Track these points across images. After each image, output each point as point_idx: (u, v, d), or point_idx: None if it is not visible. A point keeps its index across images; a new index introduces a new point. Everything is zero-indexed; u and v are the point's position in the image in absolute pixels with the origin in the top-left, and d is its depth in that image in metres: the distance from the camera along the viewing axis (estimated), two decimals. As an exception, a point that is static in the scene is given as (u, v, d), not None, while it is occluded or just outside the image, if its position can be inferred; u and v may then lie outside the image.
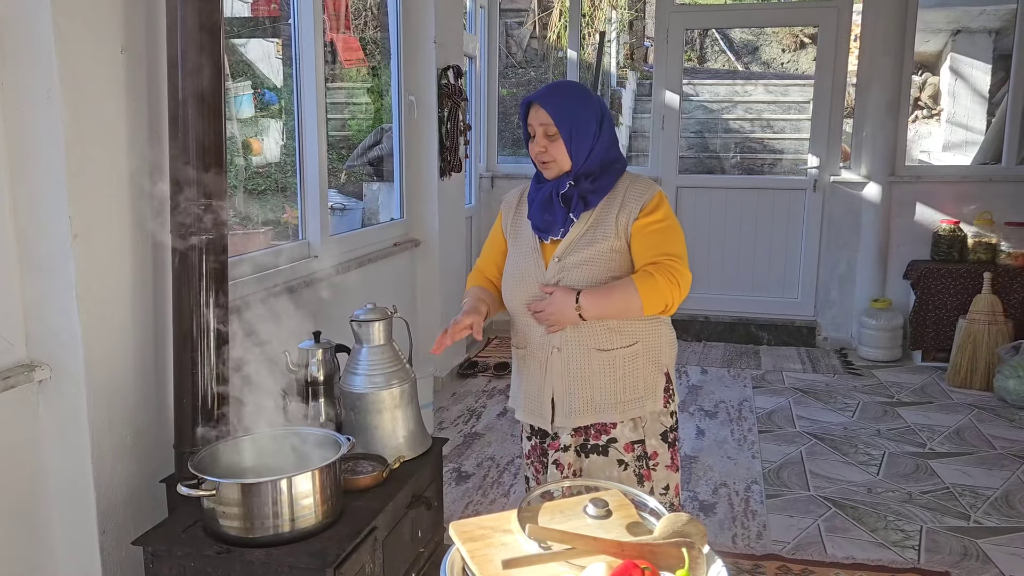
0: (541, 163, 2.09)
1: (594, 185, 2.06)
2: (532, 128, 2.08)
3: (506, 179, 6.17)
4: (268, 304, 2.69)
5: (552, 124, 2.03)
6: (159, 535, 1.87)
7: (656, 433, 2.15)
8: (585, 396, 2.09)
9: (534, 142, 2.08)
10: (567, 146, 2.04)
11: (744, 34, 11.70)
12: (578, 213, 2.07)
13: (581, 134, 2.04)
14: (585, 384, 2.09)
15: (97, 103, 2.00)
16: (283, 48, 4.91)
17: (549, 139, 2.05)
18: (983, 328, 4.90)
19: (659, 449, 2.15)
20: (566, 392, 2.10)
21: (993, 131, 7.37)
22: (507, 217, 2.26)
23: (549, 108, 2.04)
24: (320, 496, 1.84)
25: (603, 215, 2.07)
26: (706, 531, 1.44)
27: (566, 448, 2.15)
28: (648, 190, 2.07)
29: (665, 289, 1.97)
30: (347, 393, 2.26)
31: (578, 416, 2.10)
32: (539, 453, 2.24)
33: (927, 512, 3.28)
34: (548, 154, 2.05)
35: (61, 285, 1.95)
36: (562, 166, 2.06)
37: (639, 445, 2.13)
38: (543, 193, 2.09)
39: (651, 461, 2.15)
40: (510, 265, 2.19)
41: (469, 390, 4.81)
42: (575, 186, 2.06)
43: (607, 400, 2.10)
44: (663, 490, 2.18)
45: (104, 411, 2.05)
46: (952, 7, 7.82)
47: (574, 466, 2.16)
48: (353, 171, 5.53)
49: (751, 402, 4.65)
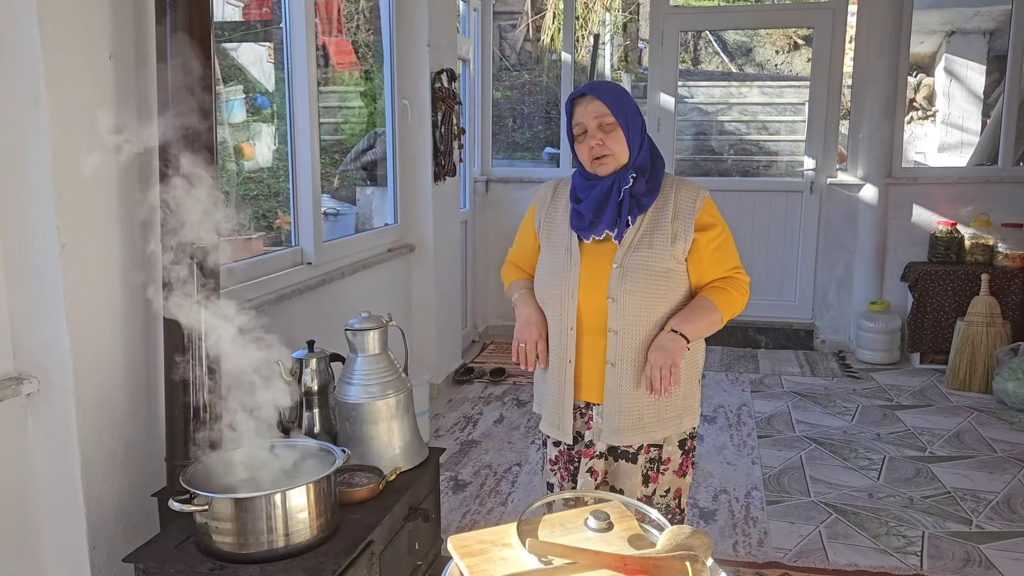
0: (597, 158, 2.02)
1: (647, 186, 2.03)
2: (583, 124, 2.03)
3: (501, 183, 6.13)
4: (261, 312, 2.65)
5: (609, 114, 2.00)
6: (151, 551, 1.83)
7: (675, 441, 2.14)
8: (635, 414, 2.06)
9: (586, 138, 2.02)
10: (625, 135, 2.00)
11: (738, 36, 11.70)
12: (634, 217, 2.03)
13: (634, 125, 2.03)
14: (635, 402, 2.06)
15: (85, 110, 1.96)
16: (275, 52, 4.87)
17: (605, 131, 2.00)
18: (981, 330, 4.88)
19: (673, 455, 2.15)
20: (615, 409, 2.06)
21: (988, 132, 7.37)
22: (540, 212, 2.20)
23: (604, 98, 2.01)
24: (315, 510, 1.80)
25: (657, 219, 2.04)
26: (710, 543, 1.41)
27: (600, 455, 2.13)
28: (698, 195, 2.07)
29: (738, 301, 2.06)
30: (342, 403, 2.22)
31: (626, 434, 2.07)
32: (567, 460, 2.19)
33: (929, 517, 3.25)
34: (605, 147, 2.01)
35: (49, 296, 1.91)
36: (619, 159, 2.02)
37: (656, 449, 2.12)
38: (600, 189, 2.02)
39: (662, 465, 2.14)
40: (544, 264, 2.14)
41: (465, 396, 4.78)
42: (637, 177, 2.01)
43: (652, 418, 2.08)
44: (664, 492, 2.16)
45: (94, 424, 2.01)
46: (946, 8, 7.83)
47: (603, 471, 2.14)
48: (346, 176, 5.49)
49: (750, 406, 4.62)
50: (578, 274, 2.04)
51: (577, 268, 2.05)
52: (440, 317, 4.70)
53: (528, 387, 4.92)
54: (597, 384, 2.08)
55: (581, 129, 2.04)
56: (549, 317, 2.10)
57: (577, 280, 2.04)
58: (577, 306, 2.04)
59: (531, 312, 2.12)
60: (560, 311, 2.07)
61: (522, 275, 2.26)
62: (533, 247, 2.22)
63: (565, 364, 2.08)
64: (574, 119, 2.05)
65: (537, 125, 9.82)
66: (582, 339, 2.06)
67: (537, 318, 2.11)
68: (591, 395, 2.10)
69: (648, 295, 2.01)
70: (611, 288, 2.01)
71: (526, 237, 2.26)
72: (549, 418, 2.17)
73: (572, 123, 2.06)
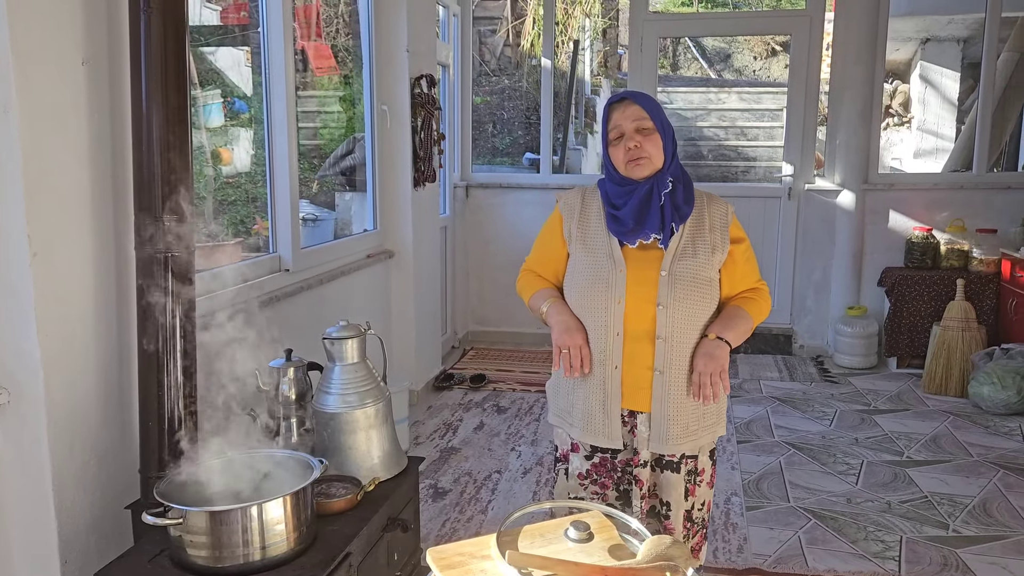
0: (633, 160, 2.03)
1: (684, 195, 2.07)
2: (621, 127, 2.04)
3: (481, 188, 6.12)
4: (237, 321, 2.62)
5: (647, 118, 2.03)
6: (124, 566, 1.80)
7: (707, 450, 2.16)
8: (683, 422, 2.06)
9: (623, 141, 2.04)
10: (663, 140, 2.04)
11: (716, 42, 11.77)
12: (677, 225, 2.06)
13: (668, 132, 2.07)
14: (682, 410, 2.05)
15: (57, 117, 1.93)
16: (253, 56, 4.83)
17: (643, 135, 2.03)
18: (957, 335, 4.93)
19: (705, 466, 2.17)
20: (663, 416, 2.05)
21: (963, 139, 7.46)
22: (570, 220, 2.16)
23: (642, 103, 2.05)
24: (292, 522, 1.78)
25: (696, 230, 2.09)
26: (691, 554, 1.41)
27: (645, 464, 2.12)
28: (727, 209, 2.15)
29: (765, 310, 2.16)
30: (320, 413, 2.20)
31: (674, 443, 2.06)
32: (608, 469, 2.15)
33: (906, 522, 3.27)
34: (643, 150, 2.02)
35: (20, 306, 1.87)
36: (655, 163, 2.04)
37: (692, 460, 2.14)
38: (639, 193, 2.03)
39: (698, 477, 2.14)
40: (583, 271, 2.10)
41: (445, 403, 4.76)
42: (675, 185, 2.05)
43: (695, 426, 2.09)
44: (700, 506, 2.17)
45: (66, 436, 1.98)
46: (921, 16, 7.93)
47: (650, 481, 2.14)
48: (325, 181, 5.45)
49: (729, 411, 4.63)
50: (624, 280, 2.03)
51: (623, 274, 2.03)
52: (419, 323, 4.67)
53: (509, 393, 4.91)
54: (642, 392, 2.06)
55: (618, 132, 2.05)
56: (592, 324, 2.06)
57: (624, 286, 2.03)
58: (624, 312, 2.03)
59: (568, 319, 2.09)
60: (605, 317, 2.04)
61: (545, 284, 2.21)
62: (560, 256, 2.18)
63: (611, 370, 2.06)
64: (611, 123, 2.07)
65: (517, 130, 9.82)
66: (627, 346, 2.04)
67: (576, 324, 2.08)
68: (635, 403, 2.08)
69: (695, 303, 2.03)
70: (660, 295, 2.01)
71: (551, 247, 2.20)
72: (590, 427, 2.10)
73: (609, 127, 2.07)
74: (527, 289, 2.23)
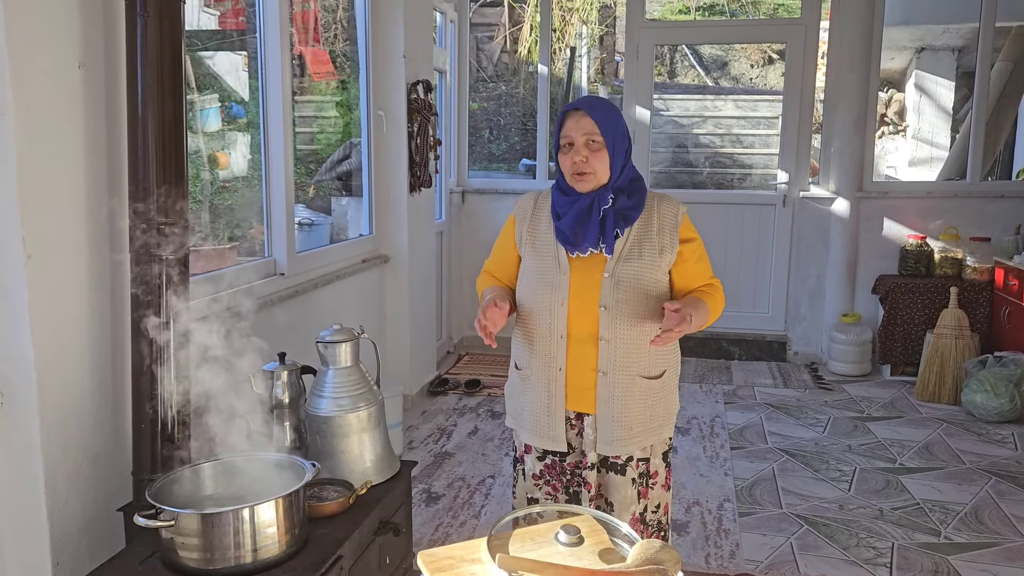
0: (578, 174, 2.04)
1: (632, 201, 2.06)
2: (571, 137, 2.04)
3: (477, 194, 6.14)
4: (232, 324, 2.62)
5: (598, 133, 2.02)
6: (115, 567, 1.80)
7: (659, 452, 2.16)
8: (627, 424, 2.08)
9: (571, 151, 2.04)
10: (610, 157, 2.03)
11: (713, 49, 11.81)
12: (622, 230, 2.06)
13: (620, 147, 2.06)
14: (627, 412, 2.07)
15: (53, 120, 1.93)
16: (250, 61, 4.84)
17: (591, 149, 2.02)
18: (950, 342, 4.95)
19: (659, 468, 2.17)
20: (608, 418, 2.08)
21: (957, 147, 7.49)
22: (521, 225, 2.19)
23: (596, 117, 2.02)
24: (284, 525, 1.78)
25: (644, 232, 2.08)
26: (680, 558, 1.41)
27: (593, 466, 2.14)
28: (679, 209, 2.13)
29: (720, 306, 2.12)
30: (312, 416, 2.20)
31: (619, 444, 2.08)
32: (558, 472, 2.18)
33: (898, 529, 3.28)
34: (589, 165, 2.02)
35: (13, 308, 1.88)
36: (600, 179, 2.04)
37: (644, 463, 2.15)
38: (579, 206, 2.04)
39: (651, 480, 2.15)
40: (531, 274, 2.13)
41: (439, 408, 4.76)
42: (615, 201, 2.04)
43: (640, 428, 2.10)
44: (655, 508, 2.17)
45: (58, 438, 1.98)
46: (916, 25, 7.96)
47: (596, 483, 2.16)
48: (321, 186, 5.47)
49: (723, 418, 4.64)
50: (568, 283, 2.05)
51: (567, 277, 2.06)
52: (414, 328, 4.68)
53: (503, 399, 4.90)
54: (587, 393, 2.08)
55: (568, 141, 2.05)
56: (537, 326, 2.10)
57: (567, 289, 2.05)
58: (567, 314, 2.05)
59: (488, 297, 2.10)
60: (549, 320, 2.07)
61: (497, 284, 2.26)
62: (512, 259, 2.22)
63: (555, 372, 2.08)
64: (563, 130, 2.06)
65: (513, 137, 9.84)
66: (571, 348, 2.06)
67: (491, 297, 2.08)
68: (581, 404, 2.11)
69: (639, 304, 2.03)
70: (603, 297, 2.03)
71: (505, 249, 2.25)
72: (536, 429, 2.15)
73: (561, 134, 2.07)
74: (480, 288, 2.30)
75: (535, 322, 2.10)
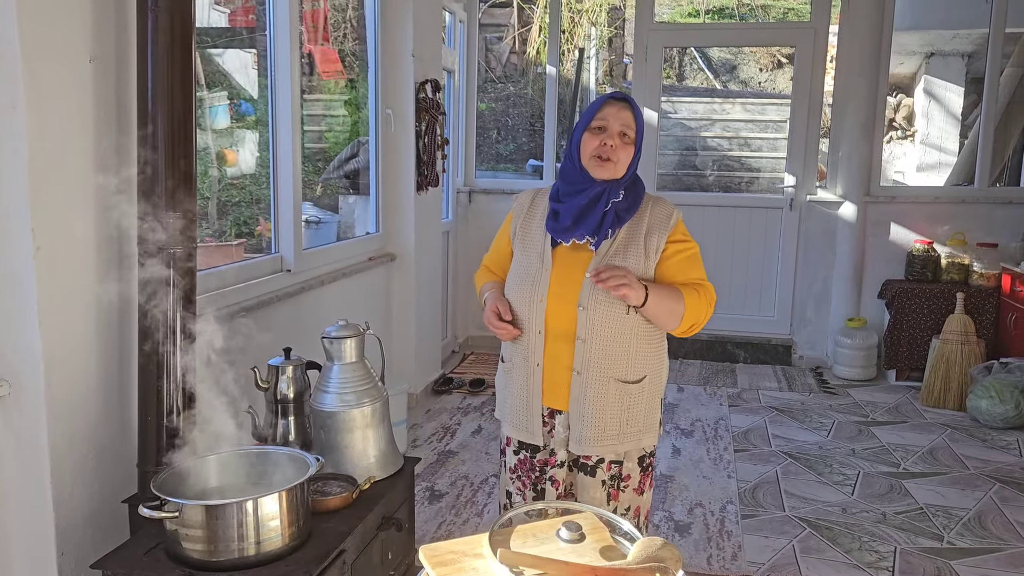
0: (601, 158, 2.03)
1: (628, 203, 2.07)
2: (607, 122, 2.03)
3: (484, 194, 6.14)
4: (238, 319, 2.64)
5: (634, 129, 2.05)
6: (119, 558, 1.82)
7: (634, 457, 2.14)
8: (599, 425, 2.07)
9: (602, 134, 2.03)
10: (634, 154, 2.06)
11: (722, 52, 11.79)
12: (615, 229, 2.06)
13: (639, 148, 2.09)
14: (599, 412, 2.07)
15: (64, 113, 1.95)
16: (260, 59, 4.86)
17: (623, 141, 2.04)
18: (956, 348, 4.94)
19: (632, 472, 2.15)
20: (578, 417, 2.08)
21: (965, 153, 7.47)
22: (516, 220, 2.21)
23: (636, 113, 2.06)
24: (287, 518, 1.80)
25: (632, 233, 2.08)
26: (681, 556, 1.42)
27: (561, 464, 2.15)
28: (672, 213, 2.12)
29: (703, 307, 2.06)
30: (317, 411, 2.21)
31: (589, 444, 2.08)
32: (528, 468, 2.20)
33: (901, 533, 3.27)
34: (616, 153, 2.03)
35: (22, 299, 1.89)
36: (617, 171, 2.05)
37: (617, 466, 2.14)
38: (588, 194, 2.04)
39: (623, 483, 2.14)
40: (516, 268, 2.15)
41: (444, 407, 4.77)
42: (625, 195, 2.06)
43: (614, 431, 2.09)
44: (624, 511, 2.16)
45: (65, 429, 1.99)
46: (926, 30, 7.95)
47: (565, 482, 2.16)
48: (329, 184, 5.48)
49: (727, 420, 4.64)
50: (548, 279, 2.06)
51: (548, 273, 2.07)
52: (420, 327, 4.69)
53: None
54: (561, 391, 2.09)
55: (602, 125, 2.04)
56: (518, 321, 2.11)
57: (547, 285, 2.06)
58: (545, 311, 2.06)
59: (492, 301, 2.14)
60: (528, 315, 2.08)
61: (494, 278, 2.28)
62: (506, 253, 2.25)
63: (533, 367, 2.10)
64: (600, 113, 2.05)
65: (521, 137, 9.85)
66: (548, 345, 2.07)
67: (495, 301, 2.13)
68: (555, 401, 2.11)
69: (618, 306, 2.02)
70: (582, 296, 2.03)
71: (500, 244, 2.29)
72: (515, 422, 2.16)
73: (595, 115, 2.05)
74: (478, 283, 2.32)
75: (517, 316, 2.11)
